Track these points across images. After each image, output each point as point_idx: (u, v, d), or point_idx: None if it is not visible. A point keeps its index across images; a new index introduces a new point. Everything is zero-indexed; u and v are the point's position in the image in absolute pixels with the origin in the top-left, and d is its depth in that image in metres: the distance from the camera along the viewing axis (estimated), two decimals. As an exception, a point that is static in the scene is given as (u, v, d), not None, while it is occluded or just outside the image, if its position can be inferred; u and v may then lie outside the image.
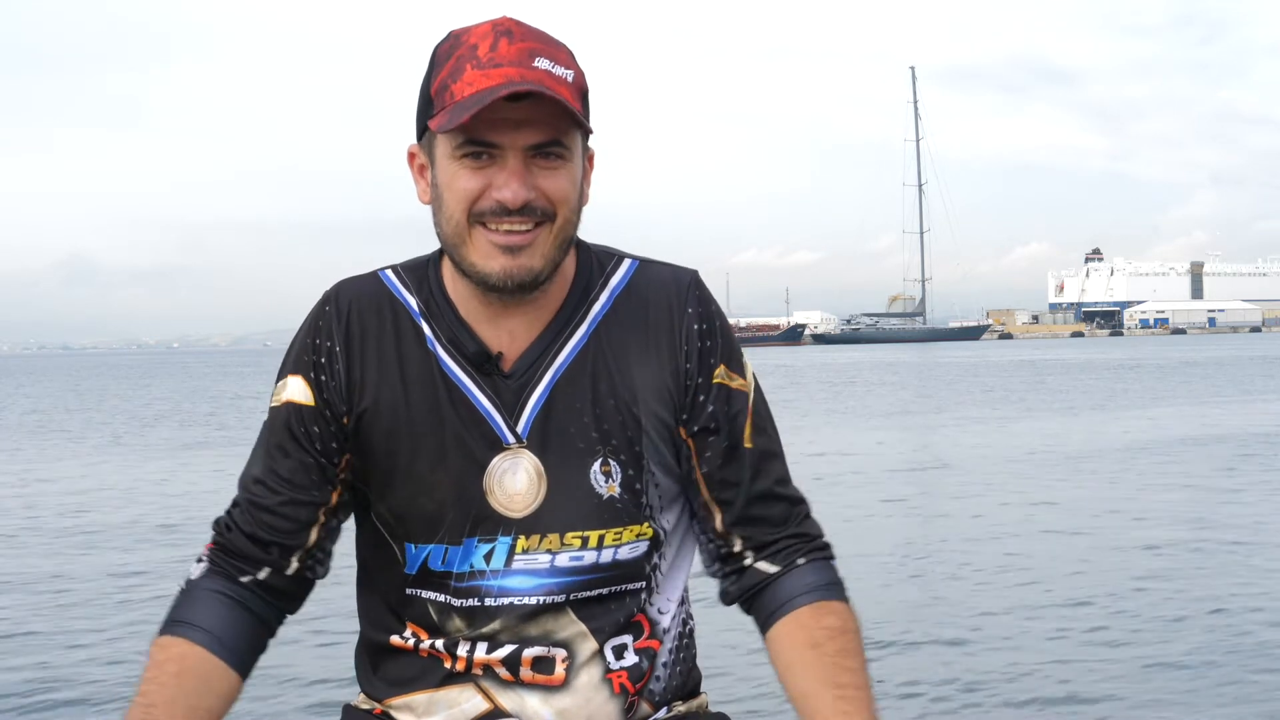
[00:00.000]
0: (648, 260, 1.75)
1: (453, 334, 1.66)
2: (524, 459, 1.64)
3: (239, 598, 1.65)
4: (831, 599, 1.65)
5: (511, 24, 1.57)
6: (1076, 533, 9.55)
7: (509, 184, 1.55)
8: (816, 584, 1.65)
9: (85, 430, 24.06)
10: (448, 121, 1.52)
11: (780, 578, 1.67)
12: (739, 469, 1.68)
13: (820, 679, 1.58)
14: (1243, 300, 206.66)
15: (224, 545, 1.67)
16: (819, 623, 1.62)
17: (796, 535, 1.69)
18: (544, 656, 1.66)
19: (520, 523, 1.64)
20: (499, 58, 1.53)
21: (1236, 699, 5.27)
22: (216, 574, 1.66)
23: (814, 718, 1.56)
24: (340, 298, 1.69)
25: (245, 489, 1.68)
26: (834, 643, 1.60)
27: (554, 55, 1.56)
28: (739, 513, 1.68)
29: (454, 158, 1.57)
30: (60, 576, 8.50)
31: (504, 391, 1.64)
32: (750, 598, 1.69)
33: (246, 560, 1.66)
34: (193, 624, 1.61)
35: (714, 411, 1.67)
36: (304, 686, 5.62)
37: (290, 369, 1.69)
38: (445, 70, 1.56)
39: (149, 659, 1.59)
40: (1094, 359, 61.54)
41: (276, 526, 1.65)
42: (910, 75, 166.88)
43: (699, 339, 1.69)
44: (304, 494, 1.66)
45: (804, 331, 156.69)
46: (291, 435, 1.66)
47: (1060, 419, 21.79)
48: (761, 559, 1.68)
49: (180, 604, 1.64)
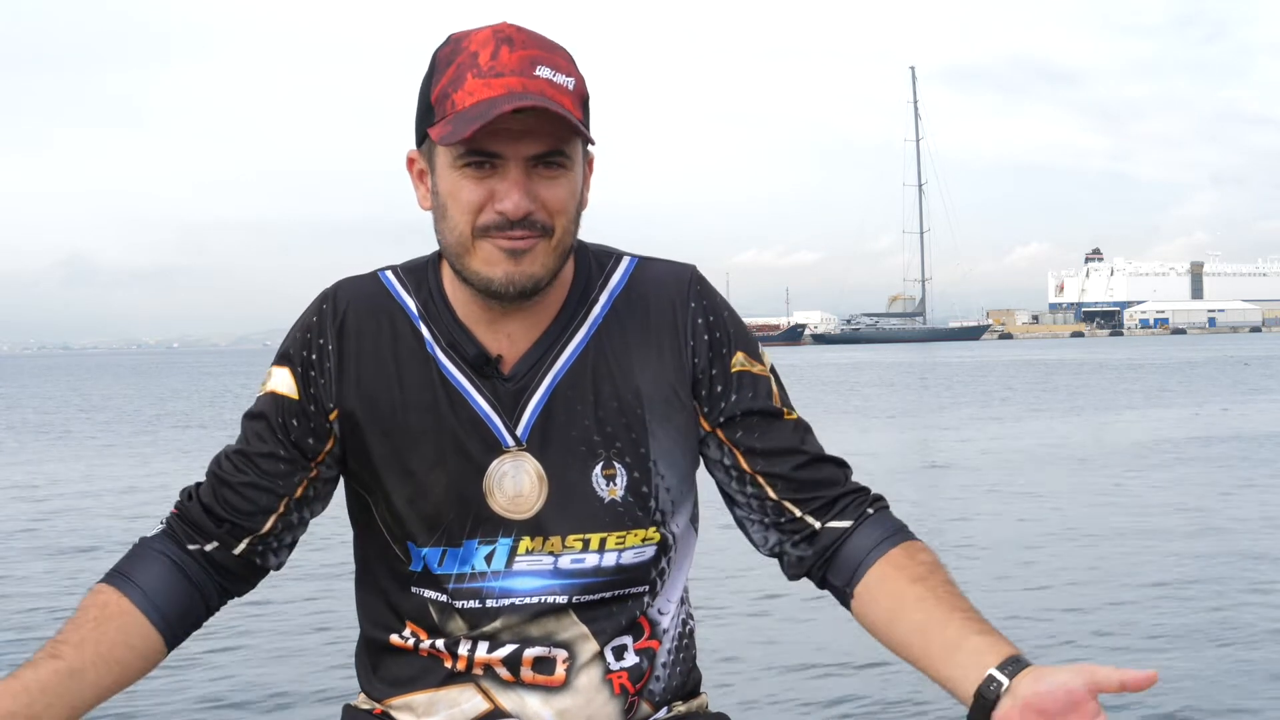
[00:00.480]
0: (646, 258, 1.75)
1: (451, 337, 1.66)
2: (525, 462, 1.64)
3: (180, 563, 1.65)
4: (914, 539, 1.65)
5: (512, 30, 1.57)
6: (1093, 536, 9.55)
7: (510, 195, 1.55)
8: (895, 528, 1.65)
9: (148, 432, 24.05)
10: (450, 134, 1.52)
11: (855, 531, 1.65)
12: (784, 438, 1.68)
13: (941, 607, 1.55)
14: (1243, 300, 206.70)
15: (182, 513, 1.68)
16: (915, 560, 1.61)
17: (855, 491, 1.69)
18: (544, 657, 1.66)
19: (522, 525, 1.64)
20: (500, 66, 1.53)
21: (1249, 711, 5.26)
22: (167, 537, 1.68)
23: (947, 644, 1.51)
24: (338, 297, 1.70)
25: (217, 463, 1.70)
26: (937, 575, 1.60)
27: (555, 63, 1.56)
28: (793, 480, 1.67)
29: (455, 167, 1.56)
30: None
31: (503, 394, 1.64)
32: (827, 561, 1.67)
33: (198, 530, 1.67)
34: (128, 577, 1.63)
35: (740, 398, 1.68)
36: (305, 687, 5.63)
37: (279, 360, 1.70)
38: (446, 78, 1.56)
39: (79, 603, 1.61)
40: (1097, 359, 61.49)
41: (234, 505, 1.66)
42: (910, 75, 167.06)
43: (705, 333, 1.69)
44: (268, 480, 1.66)
45: (804, 331, 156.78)
46: (269, 424, 1.67)
47: (1094, 416, 21.79)
48: (830, 519, 1.66)
49: (125, 558, 1.66)
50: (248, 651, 6.22)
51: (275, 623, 6.78)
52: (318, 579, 7.59)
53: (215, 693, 5.55)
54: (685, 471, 1.71)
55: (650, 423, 1.66)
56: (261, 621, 6.74)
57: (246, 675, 5.83)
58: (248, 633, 6.50)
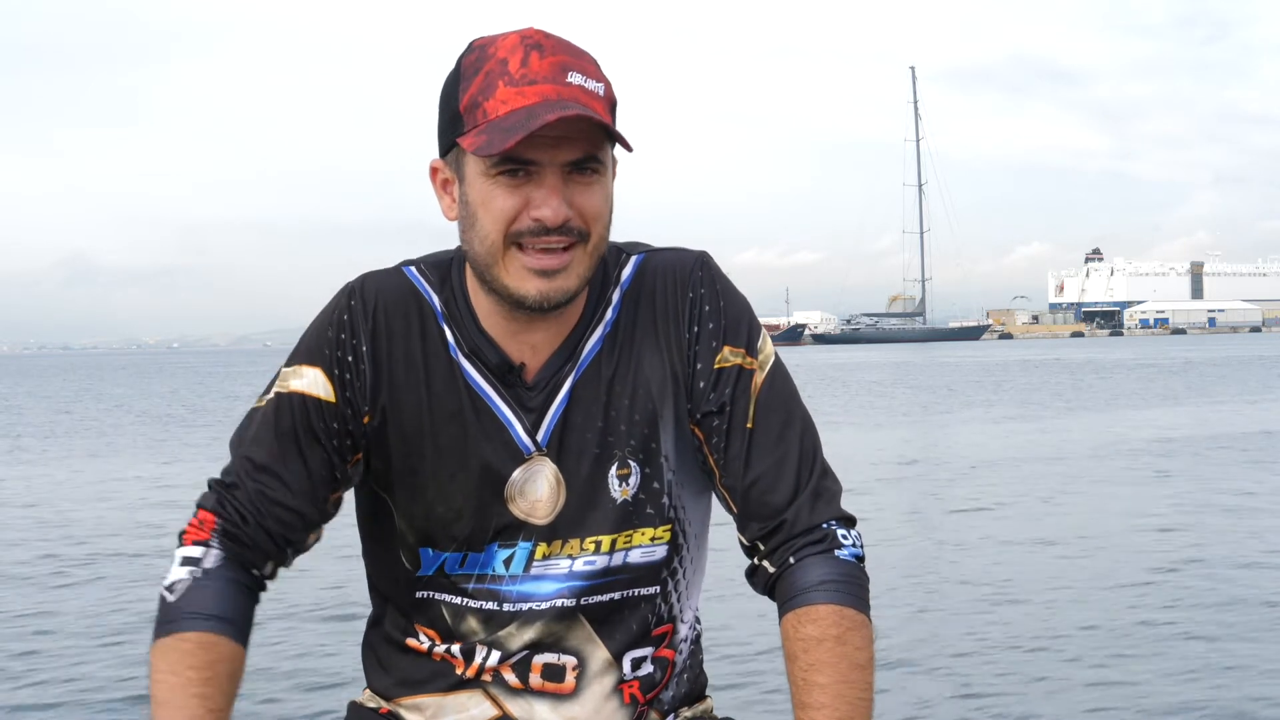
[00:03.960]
0: (654, 250, 1.72)
1: (474, 343, 1.64)
2: (545, 467, 1.63)
3: (253, 588, 1.62)
4: (815, 603, 1.54)
5: (540, 36, 1.54)
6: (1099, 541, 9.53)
7: (548, 202, 1.52)
8: (803, 586, 1.56)
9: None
10: (487, 144, 1.49)
11: (778, 579, 1.60)
12: (739, 452, 1.62)
13: (793, 697, 1.52)
14: (1243, 300, 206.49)
15: (235, 535, 1.60)
16: (796, 634, 1.54)
17: (792, 527, 1.59)
18: (554, 664, 1.65)
19: (542, 529, 1.63)
20: (532, 74, 1.51)
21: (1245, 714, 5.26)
22: (234, 563, 1.59)
23: None
24: (366, 293, 1.65)
25: (251, 476, 1.61)
26: (807, 655, 1.52)
27: (585, 69, 1.54)
28: (743, 501, 1.62)
29: (488, 175, 1.53)
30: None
31: (526, 402, 1.63)
32: (772, 595, 1.63)
33: (259, 553, 1.61)
34: (228, 619, 1.55)
35: (715, 396, 1.63)
36: (305, 685, 5.62)
37: (306, 358, 1.64)
38: (475, 86, 1.53)
39: (189, 657, 1.51)
40: (1111, 359, 61.44)
41: (290, 523, 1.61)
42: (911, 75, 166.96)
43: (701, 322, 1.65)
44: (322, 489, 1.63)
45: (804, 331, 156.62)
46: (310, 429, 1.61)
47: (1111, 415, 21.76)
48: (765, 556, 1.61)
49: (205, 595, 1.56)
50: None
51: (275, 608, 6.77)
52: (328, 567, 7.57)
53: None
54: (698, 462, 1.67)
55: (662, 417, 1.64)
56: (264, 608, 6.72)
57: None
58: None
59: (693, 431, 1.66)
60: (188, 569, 1.58)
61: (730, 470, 1.62)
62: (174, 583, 1.57)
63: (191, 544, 1.60)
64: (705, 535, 1.75)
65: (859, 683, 1.51)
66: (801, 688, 1.51)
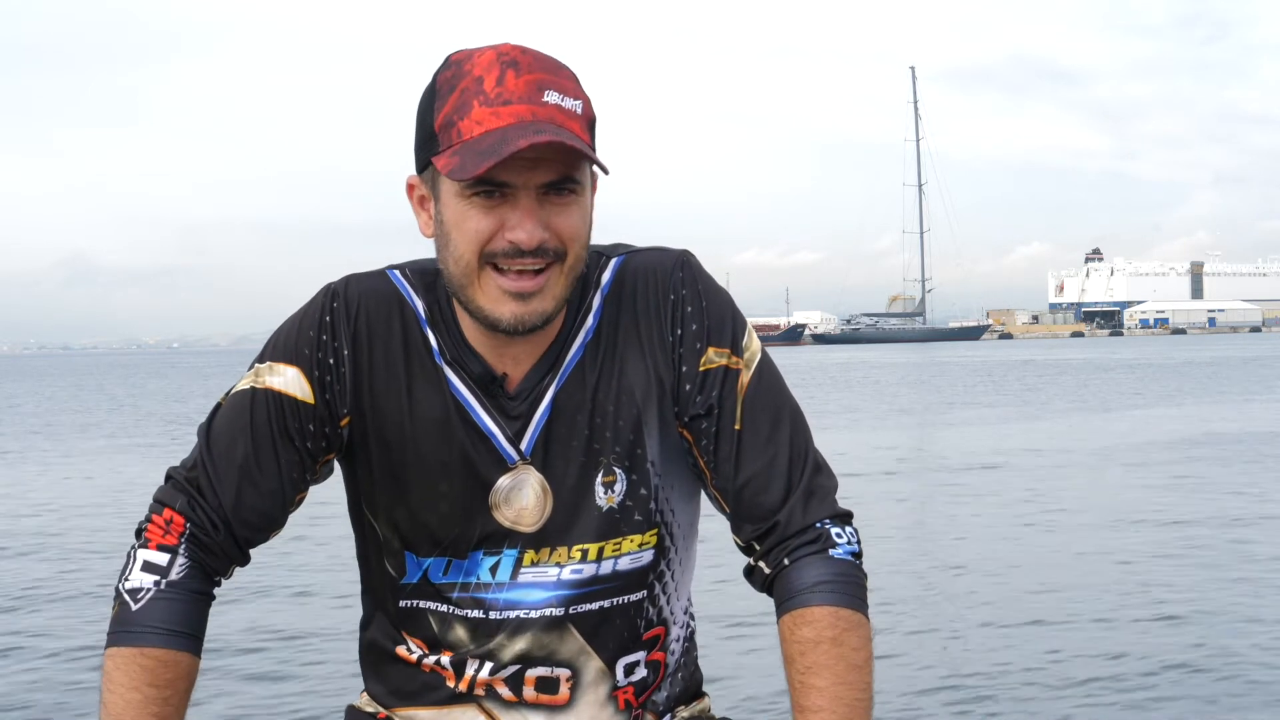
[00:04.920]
0: (634, 251, 1.69)
1: (458, 352, 1.62)
2: (530, 475, 1.61)
3: (211, 595, 1.62)
4: (810, 605, 1.53)
5: (517, 53, 1.50)
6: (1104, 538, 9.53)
7: (523, 224, 1.50)
8: (798, 588, 1.55)
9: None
10: (459, 167, 1.46)
11: (773, 581, 1.59)
12: (729, 455, 1.60)
13: (793, 700, 1.52)
14: (1243, 300, 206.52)
15: (204, 543, 1.58)
16: (793, 636, 1.53)
17: (786, 528, 1.58)
18: (547, 677, 1.64)
19: (528, 537, 1.62)
20: (507, 93, 1.48)
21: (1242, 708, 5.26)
22: (199, 572, 1.59)
23: None
24: (349, 296, 1.63)
25: (221, 476, 1.58)
26: (804, 658, 1.51)
27: (562, 86, 1.50)
28: (735, 504, 1.61)
29: (463, 196, 1.51)
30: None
31: (509, 411, 1.61)
32: (769, 594, 1.62)
33: (224, 560, 1.61)
34: (192, 635, 1.56)
35: (702, 399, 1.61)
36: (305, 686, 5.62)
37: (284, 356, 1.62)
38: (449, 104, 1.50)
39: (149, 674, 1.52)
40: (1102, 358, 61.44)
41: (256, 525, 1.61)
42: (910, 75, 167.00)
43: (684, 324, 1.63)
44: (290, 490, 1.62)
45: (804, 331, 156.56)
46: (285, 429, 1.59)
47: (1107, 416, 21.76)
48: (761, 557, 1.61)
49: (169, 610, 1.55)
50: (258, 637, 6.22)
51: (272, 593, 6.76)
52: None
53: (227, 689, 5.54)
54: (686, 469, 1.67)
55: (646, 422, 1.63)
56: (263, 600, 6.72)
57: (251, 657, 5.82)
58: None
59: (681, 435, 1.64)
60: (152, 577, 1.56)
61: (721, 473, 1.61)
62: (137, 590, 1.55)
63: (157, 548, 1.58)
64: (694, 534, 1.74)
65: (856, 683, 1.51)
66: (800, 690, 1.51)
